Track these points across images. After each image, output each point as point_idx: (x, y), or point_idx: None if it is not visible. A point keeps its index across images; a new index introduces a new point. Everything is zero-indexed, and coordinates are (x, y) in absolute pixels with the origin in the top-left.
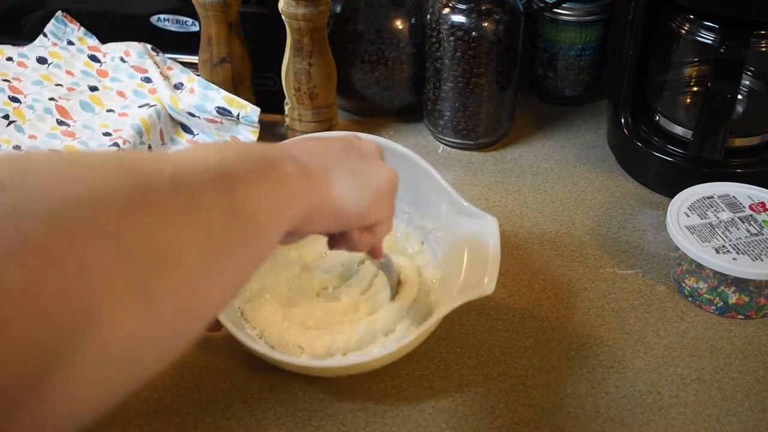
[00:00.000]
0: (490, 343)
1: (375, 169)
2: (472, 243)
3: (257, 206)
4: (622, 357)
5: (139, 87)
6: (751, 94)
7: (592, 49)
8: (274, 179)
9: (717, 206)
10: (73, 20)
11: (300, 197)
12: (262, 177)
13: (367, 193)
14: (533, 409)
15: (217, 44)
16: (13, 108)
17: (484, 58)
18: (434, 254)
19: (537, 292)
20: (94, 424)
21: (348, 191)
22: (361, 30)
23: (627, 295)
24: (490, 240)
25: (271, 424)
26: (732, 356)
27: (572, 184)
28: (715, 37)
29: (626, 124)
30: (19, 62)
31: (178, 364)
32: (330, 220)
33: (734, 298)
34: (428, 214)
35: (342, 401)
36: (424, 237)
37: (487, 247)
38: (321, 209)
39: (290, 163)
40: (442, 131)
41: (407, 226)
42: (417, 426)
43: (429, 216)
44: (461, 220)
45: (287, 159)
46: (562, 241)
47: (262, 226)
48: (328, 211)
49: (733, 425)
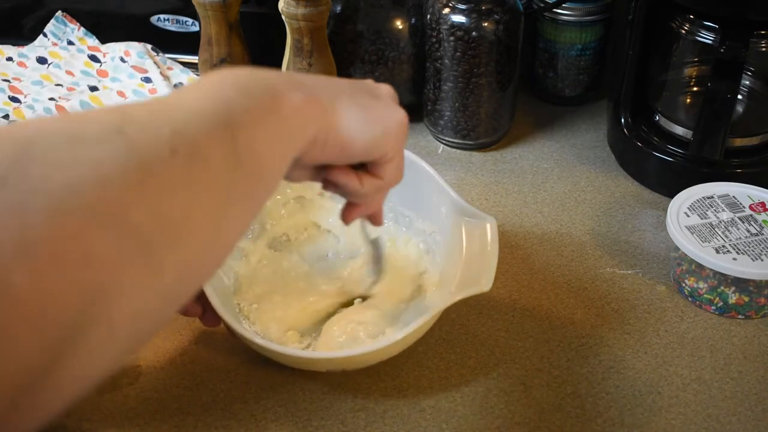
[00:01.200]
0: (490, 343)
1: (385, 108)
2: (470, 241)
3: (261, 147)
4: (622, 357)
5: (139, 87)
6: (751, 94)
7: (592, 49)
8: (277, 112)
9: (717, 206)
10: (73, 20)
11: (305, 126)
12: (265, 113)
13: (375, 128)
14: (533, 409)
15: (217, 44)
16: (13, 108)
17: (484, 58)
18: (433, 258)
19: (537, 292)
20: (94, 423)
21: (355, 122)
22: (361, 30)
23: (627, 295)
24: (488, 238)
25: (271, 424)
26: (732, 356)
27: (572, 184)
28: (715, 37)
29: (626, 124)
30: (19, 62)
31: (178, 364)
32: (334, 150)
33: (734, 298)
34: (429, 217)
35: (342, 401)
36: (424, 240)
37: (485, 245)
38: (326, 136)
39: (296, 92)
40: (442, 131)
41: (408, 231)
42: (417, 426)
43: (429, 219)
44: (460, 219)
45: (294, 87)
46: (562, 241)
47: (268, 164)
48: (333, 140)
49: (733, 425)
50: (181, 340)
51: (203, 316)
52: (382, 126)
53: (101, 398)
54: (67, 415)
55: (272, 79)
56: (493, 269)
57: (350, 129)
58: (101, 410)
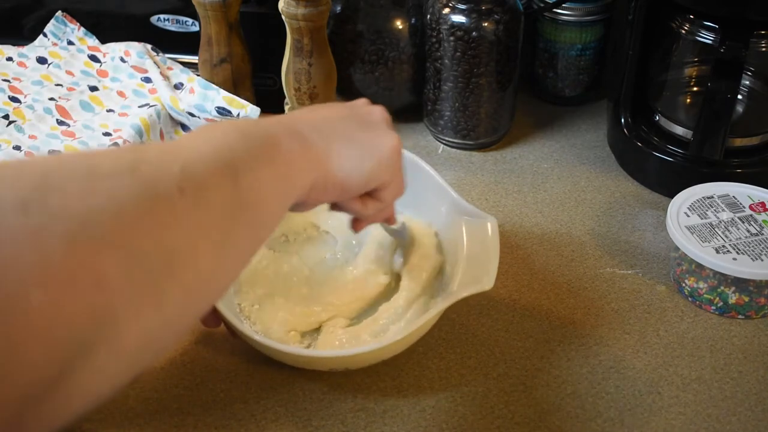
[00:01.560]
0: (490, 343)
1: (377, 138)
2: (471, 241)
3: (261, 190)
4: (622, 357)
5: (139, 87)
6: (751, 94)
7: (592, 49)
8: (277, 160)
9: (717, 206)
10: (73, 20)
11: (302, 172)
12: (266, 159)
13: (369, 163)
14: (533, 409)
15: (217, 44)
16: (13, 108)
17: (484, 58)
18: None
19: (537, 292)
20: (94, 423)
21: (349, 161)
22: (361, 30)
23: (627, 295)
24: (489, 238)
25: (271, 424)
26: (732, 356)
27: (572, 184)
28: (715, 37)
29: (626, 124)
30: (19, 62)
31: (178, 363)
32: (334, 192)
33: (734, 298)
34: (429, 216)
35: (342, 401)
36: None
37: (486, 244)
38: (324, 182)
39: (292, 141)
40: (442, 131)
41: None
42: (417, 426)
43: (430, 218)
44: (460, 219)
45: (289, 136)
46: (562, 241)
47: (267, 207)
48: (332, 184)
49: (733, 425)
50: (181, 340)
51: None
52: (377, 158)
53: None
54: None
55: (271, 127)
56: (494, 268)
57: (347, 169)
58: (101, 410)
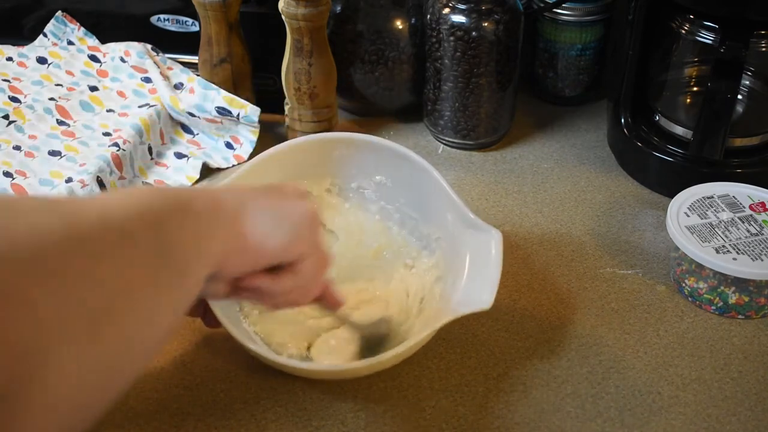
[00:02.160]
0: (490, 343)
1: (291, 204)
2: (474, 255)
3: (180, 242)
4: (622, 357)
5: (139, 87)
6: (751, 94)
7: (592, 49)
8: (191, 212)
9: (717, 206)
10: (73, 20)
11: (215, 232)
12: (179, 214)
13: (286, 227)
14: (533, 409)
15: (217, 44)
16: (13, 108)
17: (484, 58)
18: (436, 262)
19: (537, 292)
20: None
21: (263, 224)
22: (361, 30)
23: (627, 295)
24: (492, 254)
25: (271, 424)
26: (732, 356)
27: (572, 184)
28: (715, 37)
29: (626, 124)
30: (19, 62)
31: (178, 363)
32: (249, 257)
33: (734, 298)
34: (434, 221)
35: (342, 401)
36: (427, 244)
37: (488, 260)
38: (237, 246)
39: (202, 200)
40: (442, 131)
41: (410, 234)
42: (417, 426)
43: (435, 224)
44: (465, 231)
45: (200, 196)
46: (562, 241)
47: (188, 262)
48: (246, 248)
49: (733, 425)
50: (181, 340)
51: (205, 316)
52: (292, 223)
53: None
54: None
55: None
56: (495, 286)
57: (261, 232)
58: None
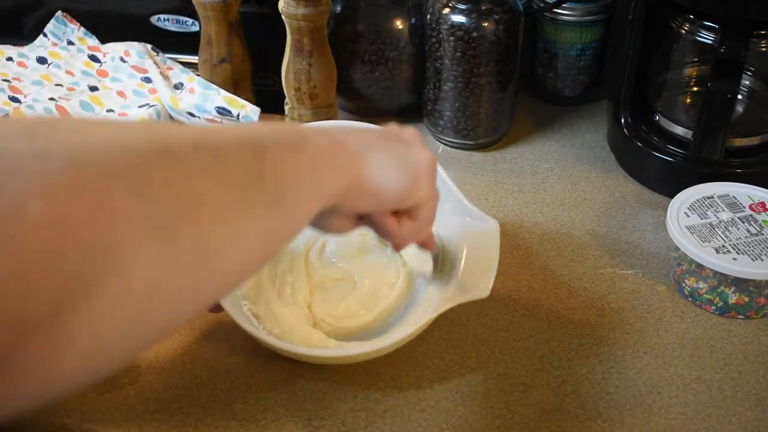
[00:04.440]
0: (490, 343)
1: (413, 151)
2: (471, 244)
3: (287, 174)
4: (622, 357)
5: (139, 87)
6: (751, 94)
7: (592, 49)
8: (304, 152)
9: (717, 206)
10: (73, 20)
11: (336, 170)
12: (294, 148)
13: (406, 174)
14: (533, 409)
15: (217, 44)
16: (13, 108)
17: (484, 58)
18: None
19: (537, 292)
20: (94, 423)
21: (386, 169)
22: (361, 30)
23: (627, 295)
24: (490, 243)
25: (271, 424)
26: (732, 356)
27: (572, 184)
28: (715, 37)
29: (626, 124)
30: (19, 62)
31: (178, 363)
32: (371, 199)
33: (734, 298)
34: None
35: (342, 401)
36: None
37: (486, 249)
38: (360, 186)
39: (323, 138)
40: (442, 131)
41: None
42: (417, 426)
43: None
44: (463, 220)
45: (319, 134)
46: (562, 241)
47: (293, 193)
48: (368, 189)
49: (733, 425)
50: (181, 339)
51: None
52: (414, 171)
53: (101, 398)
54: (68, 415)
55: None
56: (492, 275)
57: (382, 177)
58: (101, 410)
